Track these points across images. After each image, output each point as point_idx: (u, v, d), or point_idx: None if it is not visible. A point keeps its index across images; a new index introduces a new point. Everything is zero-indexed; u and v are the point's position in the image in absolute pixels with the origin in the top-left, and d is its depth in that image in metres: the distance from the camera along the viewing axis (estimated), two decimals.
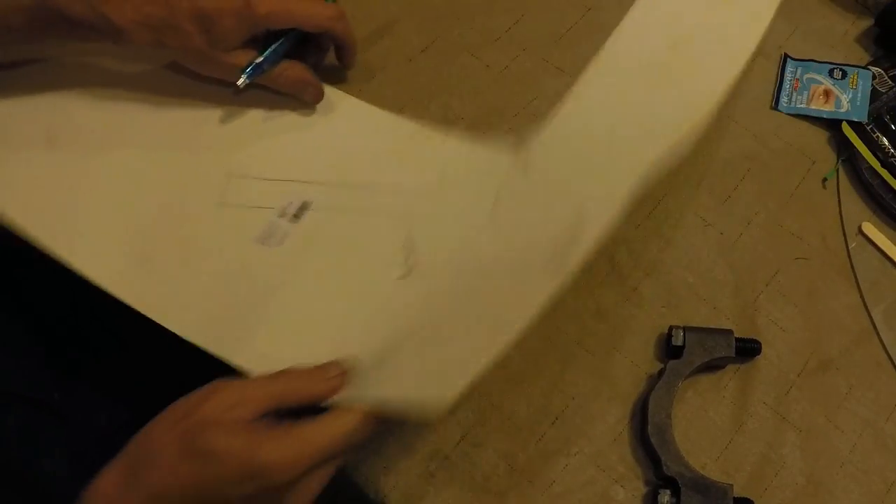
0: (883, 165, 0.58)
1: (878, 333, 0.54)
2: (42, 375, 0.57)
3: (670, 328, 0.51)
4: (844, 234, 0.57)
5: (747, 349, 0.51)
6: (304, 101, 0.56)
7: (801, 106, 0.61)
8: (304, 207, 0.53)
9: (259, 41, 0.52)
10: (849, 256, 0.56)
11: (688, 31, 0.54)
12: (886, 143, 0.59)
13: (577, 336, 0.53)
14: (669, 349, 0.51)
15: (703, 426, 0.50)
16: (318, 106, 0.56)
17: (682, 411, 0.51)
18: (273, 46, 0.52)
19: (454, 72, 0.61)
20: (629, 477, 0.49)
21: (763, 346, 0.52)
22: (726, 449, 0.50)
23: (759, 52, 0.63)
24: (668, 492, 0.47)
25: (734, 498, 0.47)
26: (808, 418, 0.51)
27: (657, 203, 0.57)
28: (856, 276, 0.55)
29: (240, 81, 0.51)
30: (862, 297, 0.55)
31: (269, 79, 0.53)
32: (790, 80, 0.62)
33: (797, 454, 0.50)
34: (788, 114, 0.61)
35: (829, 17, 0.65)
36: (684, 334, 0.50)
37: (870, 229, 0.57)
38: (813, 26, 0.65)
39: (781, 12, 0.65)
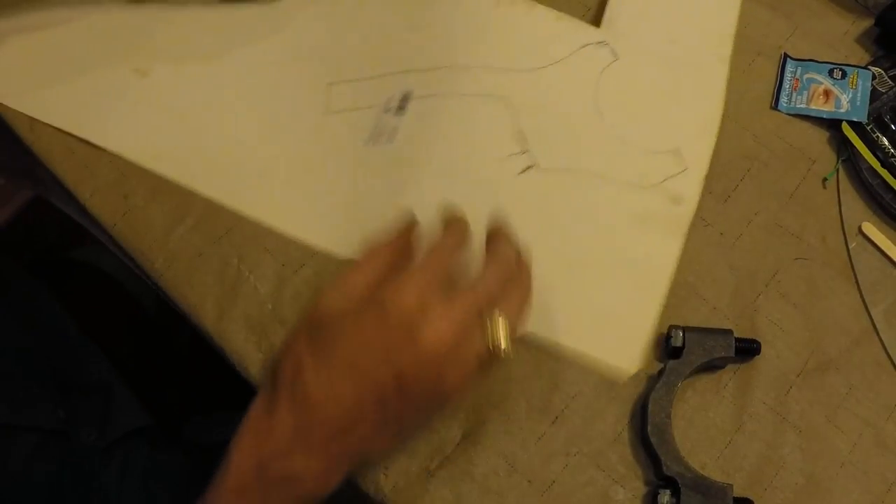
0: (883, 165, 0.58)
1: (878, 333, 0.54)
2: (45, 398, 0.56)
3: (670, 328, 0.51)
4: (844, 234, 0.57)
5: (747, 349, 0.51)
6: None
7: (801, 106, 0.61)
8: (406, 98, 0.54)
9: None
10: (849, 256, 0.56)
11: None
12: (886, 143, 0.59)
13: None
14: (669, 349, 0.51)
15: (702, 426, 0.51)
16: None
17: (681, 411, 0.51)
18: None
19: None
20: (629, 477, 0.49)
21: (763, 346, 0.52)
22: (726, 449, 0.50)
23: (759, 52, 0.63)
24: (668, 492, 0.47)
25: (734, 498, 0.47)
26: (808, 418, 0.51)
27: None
28: (856, 276, 0.55)
29: None
30: (862, 297, 0.55)
31: None
32: (790, 80, 0.62)
33: (797, 454, 0.50)
34: (788, 114, 0.61)
35: (829, 17, 0.65)
36: (684, 334, 0.50)
37: (870, 229, 0.57)
38: (813, 26, 0.65)
39: (781, 12, 0.65)
